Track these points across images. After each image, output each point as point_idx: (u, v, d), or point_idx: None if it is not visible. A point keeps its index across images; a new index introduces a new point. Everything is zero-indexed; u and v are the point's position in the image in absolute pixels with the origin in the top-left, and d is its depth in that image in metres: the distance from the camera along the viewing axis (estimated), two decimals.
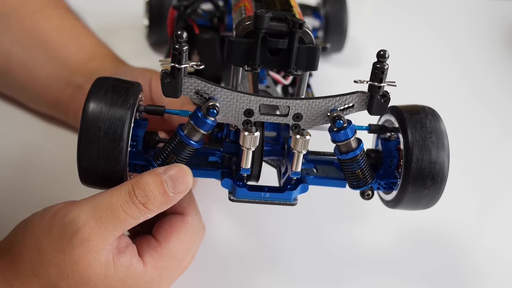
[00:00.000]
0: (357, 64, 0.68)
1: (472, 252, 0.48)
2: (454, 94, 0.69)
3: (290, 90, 0.48)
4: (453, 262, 0.47)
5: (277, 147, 0.38)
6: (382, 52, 0.33)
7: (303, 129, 0.34)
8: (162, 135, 0.44)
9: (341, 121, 0.34)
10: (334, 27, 0.65)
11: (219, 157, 0.38)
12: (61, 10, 0.57)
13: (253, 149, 0.33)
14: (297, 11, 0.40)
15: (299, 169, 0.35)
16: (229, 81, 0.51)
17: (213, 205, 0.48)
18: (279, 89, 0.50)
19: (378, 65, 0.33)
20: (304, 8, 0.65)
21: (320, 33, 0.66)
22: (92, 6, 0.67)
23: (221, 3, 0.55)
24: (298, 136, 0.33)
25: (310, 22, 0.66)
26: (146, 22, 0.66)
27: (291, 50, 0.35)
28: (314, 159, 0.39)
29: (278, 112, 0.44)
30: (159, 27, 0.62)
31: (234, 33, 0.35)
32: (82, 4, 0.60)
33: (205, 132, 0.34)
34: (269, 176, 0.40)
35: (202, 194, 0.44)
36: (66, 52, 0.52)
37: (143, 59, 0.64)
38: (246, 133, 0.33)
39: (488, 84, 0.71)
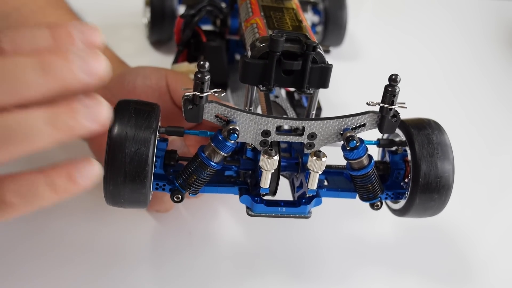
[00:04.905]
0: (356, 58, 0.68)
1: (475, 245, 0.50)
2: (451, 86, 0.70)
3: (296, 96, 0.49)
4: (455, 255, 0.48)
5: (292, 162, 0.40)
6: (393, 76, 0.34)
7: (320, 151, 0.35)
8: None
9: (355, 141, 0.35)
10: (333, 22, 0.66)
11: (235, 171, 0.40)
12: (62, 10, 0.56)
13: (272, 171, 0.35)
14: (306, 25, 0.41)
15: (315, 187, 0.36)
16: (234, 86, 0.53)
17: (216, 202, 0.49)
18: (283, 92, 0.51)
19: (389, 88, 0.35)
20: (304, 3, 0.66)
21: (319, 28, 0.67)
22: (92, 5, 0.67)
23: (223, 5, 0.55)
24: (315, 158, 0.35)
25: (309, 17, 0.66)
26: (145, 20, 0.66)
27: (304, 71, 0.36)
28: (325, 171, 0.41)
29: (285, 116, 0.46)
30: (161, 26, 0.62)
31: (249, 53, 0.36)
32: (82, 3, 0.60)
33: (225, 155, 0.35)
34: (280, 185, 0.41)
35: (205, 195, 0.45)
36: None
37: (144, 57, 0.64)
38: (266, 157, 0.34)
39: (486, 80, 0.72)
